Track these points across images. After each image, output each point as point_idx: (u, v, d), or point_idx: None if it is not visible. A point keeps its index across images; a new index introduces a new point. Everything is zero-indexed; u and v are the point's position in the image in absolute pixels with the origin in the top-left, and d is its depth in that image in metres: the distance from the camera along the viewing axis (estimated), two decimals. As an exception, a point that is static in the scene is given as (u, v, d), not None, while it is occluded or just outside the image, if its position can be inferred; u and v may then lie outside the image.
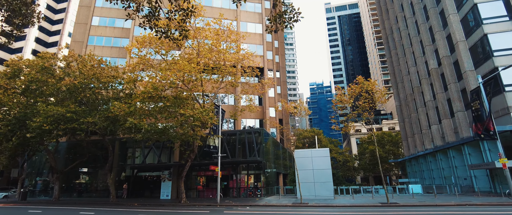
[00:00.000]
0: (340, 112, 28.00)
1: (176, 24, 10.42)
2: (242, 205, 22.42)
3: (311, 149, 29.06)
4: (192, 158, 24.49)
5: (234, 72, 23.11)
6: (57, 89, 23.21)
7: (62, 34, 70.91)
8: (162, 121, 21.50)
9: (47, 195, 36.50)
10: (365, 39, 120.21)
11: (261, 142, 30.16)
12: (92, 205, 24.76)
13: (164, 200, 29.07)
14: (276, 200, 26.46)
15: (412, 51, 46.52)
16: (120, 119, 22.29)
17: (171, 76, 18.83)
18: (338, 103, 24.21)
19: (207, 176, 32.15)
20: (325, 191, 27.36)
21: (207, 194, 30.74)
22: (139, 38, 22.24)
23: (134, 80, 22.57)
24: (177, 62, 20.21)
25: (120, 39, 41.08)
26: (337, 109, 25.29)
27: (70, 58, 25.46)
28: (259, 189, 29.54)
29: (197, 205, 23.39)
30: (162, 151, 32.06)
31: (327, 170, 27.90)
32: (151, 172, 33.75)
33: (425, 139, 43.16)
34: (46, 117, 20.87)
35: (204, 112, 18.78)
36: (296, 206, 21.90)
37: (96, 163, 34.89)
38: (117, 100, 24.27)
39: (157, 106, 19.26)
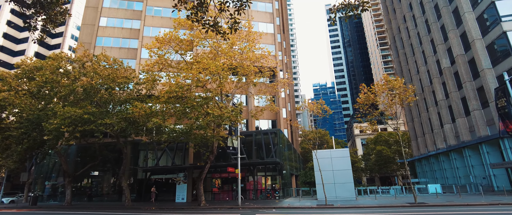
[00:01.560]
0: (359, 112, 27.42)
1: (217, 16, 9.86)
2: (266, 208, 21.82)
3: (331, 149, 28.57)
4: (212, 159, 23.89)
5: (256, 71, 22.58)
6: (73, 90, 22.54)
7: (65, 36, 70.07)
8: (185, 122, 20.87)
9: (56, 200, 35.62)
10: (367, 40, 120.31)
11: (277, 143, 29.62)
12: (108, 210, 24.03)
13: (180, 203, 28.39)
14: (298, 202, 25.88)
15: (422, 51, 46.32)
16: (139, 120, 21.66)
17: (196, 75, 18.26)
18: (364, 101, 23.70)
19: (223, 178, 31.51)
20: (346, 192, 26.84)
21: (223, 196, 30.10)
22: (160, 37, 21.68)
23: (153, 80, 21.97)
24: (200, 60, 19.66)
25: (129, 40, 40.46)
26: (361, 107, 24.75)
27: (85, 58, 24.83)
28: (277, 191, 28.94)
29: (218, 208, 22.74)
30: (176, 154, 31.41)
31: (348, 171, 27.42)
32: (164, 175, 33.04)
33: (437, 138, 42.84)
34: (63, 118, 20.20)
35: (233, 111, 18.21)
36: (322, 207, 21.34)
37: (107, 166, 34.12)
38: (134, 100, 23.62)
39: (183, 106, 18.66)
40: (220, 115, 17.96)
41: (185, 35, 22.67)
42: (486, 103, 30.79)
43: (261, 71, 24.76)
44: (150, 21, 39.77)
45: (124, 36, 40.59)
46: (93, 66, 24.01)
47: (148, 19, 39.73)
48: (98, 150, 29.44)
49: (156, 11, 40.31)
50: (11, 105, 25.04)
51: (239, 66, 20.75)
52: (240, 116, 19.64)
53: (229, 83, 20.18)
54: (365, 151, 72.40)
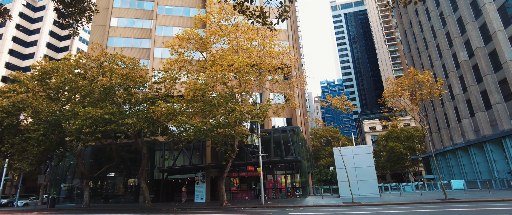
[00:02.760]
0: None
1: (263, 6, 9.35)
2: (293, 206, 21.36)
3: (352, 146, 28.03)
4: (233, 158, 23.46)
5: (277, 67, 22.06)
6: (92, 90, 22.24)
7: (73, 39, 70.13)
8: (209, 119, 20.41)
9: (72, 202, 35.46)
10: (374, 36, 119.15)
11: (296, 140, 29.13)
12: (129, 211, 23.72)
13: (200, 203, 28.03)
14: (321, 200, 25.36)
15: (436, 44, 45.49)
16: (161, 119, 21.29)
17: (221, 71, 17.80)
18: (389, 96, 23.11)
19: (241, 177, 31.10)
20: (369, 189, 26.29)
21: (242, 195, 29.68)
22: (180, 35, 21.27)
23: (174, 78, 21.57)
24: (223, 57, 19.21)
25: (140, 40, 40.17)
26: (387, 102, 24.15)
27: (103, 57, 24.53)
28: (297, 189, 28.46)
29: (243, 208, 22.32)
30: (193, 153, 31.05)
31: (370, 167, 26.89)
32: (181, 175, 32.71)
33: (454, 133, 42.04)
34: (84, 119, 19.89)
35: (262, 108, 17.75)
36: (351, 205, 20.81)
37: (120, 167, 33.83)
38: (157, 99, 23.27)
39: (209, 103, 18.24)
40: (248, 112, 17.51)
41: (205, 32, 22.22)
42: (510, 96, 30.02)
43: (281, 68, 24.27)
44: (161, 20, 39.44)
45: (135, 36, 40.31)
46: (111, 65, 23.69)
47: (159, 18, 39.40)
48: (115, 151, 29.15)
49: (167, 10, 39.97)
50: (29, 107, 24.80)
51: (262, 62, 20.25)
52: (267, 112, 19.19)
53: (248, 80, 19.71)
54: (376, 148, 71.59)
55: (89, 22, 10.93)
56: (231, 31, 21.83)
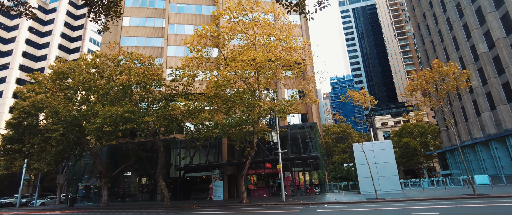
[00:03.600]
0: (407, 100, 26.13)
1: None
2: (315, 203, 21.01)
3: (372, 142, 27.47)
4: (252, 155, 23.19)
5: (297, 61, 21.64)
6: (111, 88, 22.21)
7: (84, 39, 70.75)
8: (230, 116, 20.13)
9: (90, 201, 35.74)
10: (383, 30, 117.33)
11: (314, 136, 28.70)
12: (148, 210, 23.68)
13: (218, 201, 27.87)
14: (342, 197, 24.94)
15: (452, 37, 44.36)
16: (180, 117, 21.13)
17: (242, 68, 17.48)
18: (413, 90, 22.48)
19: (258, 175, 30.84)
20: (391, 186, 25.75)
21: (259, 193, 29.43)
22: (199, 31, 21.03)
23: (194, 76, 21.37)
24: (243, 52, 18.90)
25: (153, 39, 40.15)
26: (410, 96, 23.53)
27: (120, 56, 24.51)
28: (316, 186, 28.07)
29: (263, 205, 22.06)
30: (209, 151, 30.90)
31: (391, 163, 26.33)
32: (198, 173, 32.63)
33: (472, 127, 41.00)
34: (104, 118, 19.85)
35: (287, 103, 17.41)
36: (374, 201, 20.35)
37: (135, 166, 33.87)
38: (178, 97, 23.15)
39: (232, 99, 17.97)
40: (272, 107, 17.17)
41: (223, 28, 21.93)
42: (534, 88, 29.01)
43: (299, 63, 23.85)
44: (174, 19, 39.33)
45: (147, 35, 40.31)
46: (128, 64, 23.64)
47: (171, 16, 39.29)
48: (132, 150, 29.19)
49: (179, 8, 39.83)
50: (48, 107, 24.94)
51: (282, 57, 19.85)
52: (291, 107, 18.82)
53: (271, 76, 19.34)
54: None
55: (119, 16, 10.72)
56: (249, 27, 21.49)
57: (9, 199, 41.12)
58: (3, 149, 27.34)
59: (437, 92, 22.06)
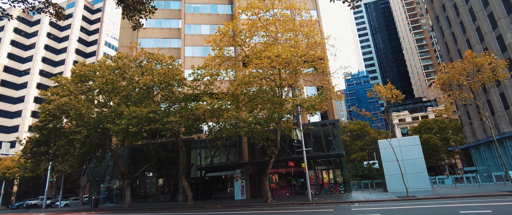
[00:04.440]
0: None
1: None
2: (344, 202, 20.41)
3: (398, 138, 26.58)
4: (276, 153, 22.77)
5: (321, 57, 21.04)
6: (134, 89, 22.25)
7: (99, 43, 71.99)
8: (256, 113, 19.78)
9: (111, 202, 36.13)
10: (397, 25, 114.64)
11: (337, 134, 28.03)
12: (173, 210, 23.60)
13: (241, 200, 27.58)
14: (369, 195, 24.20)
15: (475, 27, 42.66)
16: (202, 116, 20.93)
17: (268, 64, 17.05)
18: (445, 83, 21.54)
19: (279, 174, 30.40)
20: (420, 183, 24.83)
21: (282, 192, 28.97)
22: (222, 28, 20.77)
23: (216, 74, 21.15)
24: (267, 49, 18.50)
25: (169, 40, 40.28)
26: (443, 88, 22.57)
27: (142, 57, 24.57)
28: (341, 185, 27.40)
29: (289, 204, 21.60)
30: (229, 150, 30.67)
31: (420, 159, 25.40)
32: (218, 172, 32.47)
33: (500, 121, 39.27)
34: (129, 118, 19.85)
35: (318, 99, 16.95)
36: (406, 199, 19.59)
37: (158, 166, 34.03)
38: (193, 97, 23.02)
39: (260, 96, 17.63)
40: (301, 104, 16.72)
41: (244, 25, 21.59)
42: None
43: (321, 58, 23.25)
44: (189, 19, 39.33)
45: (164, 36, 40.47)
46: (150, 64, 23.64)
47: (187, 17, 39.31)
48: (154, 150, 29.26)
49: (195, 8, 39.81)
50: (72, 109, 25.23)
51: (307, 53, 19.33)
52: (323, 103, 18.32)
53: (299, 71, 18.85)
54: (408, 140, 68.63)
55: (153, 13, 10.53)
56: (270, 23, 21.06)
57: (34, 200, 42.16)
58: (30, 152, 27.89)
59: (469, 84, 21.01)
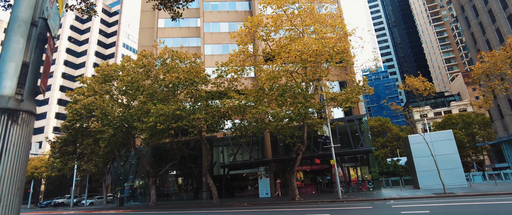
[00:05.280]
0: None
1: None
2: (376, 200, 19.64)
3: (430, 132, 25.47)
4: (303, 150, 22.22)
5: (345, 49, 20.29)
6: (159, 86, 22.27)
7: (117, 45, 73.37)
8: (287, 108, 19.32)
9: (136, 200, 36.58)
10: (415, 17, 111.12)
11: (364, 130, 27.16)
12: (199, 208, 23.48)
13: (266, 198, 27.20)
14: (405, 192, 23.26)
15: (507, 16, 40.51)
16: (227, 113, 20.66)
17: (297, 58, 16.50)
18: (485, 73, 20.32)
19: (304, 171, 29.82)
20: (455, 179, 23.65)
21: (307, 190, 28.36)
22: (246, 23, 20.40)
23: (242, 70, 20.83)
24: (295, 41, 17.94)
25: (188, 39, 40.37)
26: (479, 79, 21.37)
27: (166, 54, 24.60)
28: (369, 182, 26.53)
29: (319, 202, 21.01)
30: (252, 148, 30.33)
31: (454, 155, 24.24)
32: (241, 170, 32.24)
33: (536, 115, 37.11)
34: (157, 116, 19.82)
35: (355, 91, 16.34)
36: (443, 196, 18.60)
37: (181, 164, 34.12)
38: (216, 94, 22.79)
39: (289, 91, 17.18)
40: (334, 97, 16.13)
41: (268, 19, 21.12)
42: None
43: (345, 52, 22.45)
44: (208, 17, 39.26)
45: (183, 35, 40.59)
46: (174, 62, 23.61)
47: (206, 15, 39.24)
48: (177, 148, 29.31)
49: (213, 6, 39.70)
50: (98, 108, 25.54)
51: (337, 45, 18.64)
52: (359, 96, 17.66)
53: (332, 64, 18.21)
54: (431, 136, 66.30)
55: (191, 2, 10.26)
56: (296, 15, 20.50)
57: (61, 199, 43.34)
58: (59, 151, 28.54)
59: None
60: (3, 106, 1.67)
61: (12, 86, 1.75)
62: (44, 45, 2.00)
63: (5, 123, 1.66)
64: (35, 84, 1.90)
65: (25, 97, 1.79)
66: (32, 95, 1.80)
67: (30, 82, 1.85)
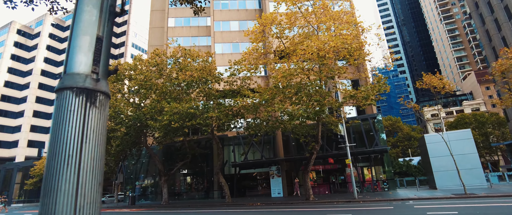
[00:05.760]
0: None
1: None
2: (393, 200, 19.18)
3: (447, 132, 24.85)
4: (317, 149, 21.83)
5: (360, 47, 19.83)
6: (172, 86, 22.15)
7: (127, 45, 73.90)
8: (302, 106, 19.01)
9: (147, 199, 36.64)
10: (425, 15, 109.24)
11: (378, 129, 26.63)
12: (212, 207, 23.33)
13: (278, 198, 26.91)
14: (423, 192, 22.70)
15: (524, 12, 39.38)
16: (243, 112, 20.42)
17: (314, 55, 16.12)
18: (507, 69, 19.68)
19: (317, 171, 29.41)
20: (474, 179, 22.99)
21: (320, 190, 27.96)
22: (261, 20, 20.13)
23: (255, 69, 20.59)
24: (310, 38, 17.62)
25: (198, 38, 40.28)
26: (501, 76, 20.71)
27: (179, 53, 24.51)
28: (385, 182, 26.00)
29: (334, 202, 20.63)
30: (263, 147, 30.05)
31: (473, 154, 23.57)
32: (252, 169, 31.98)
33: (555, 114, 35.96)
34: (171, 114, 19.70)
35: (376, 88, 15.96)
36: (463, 197, 18.03)
37: (194, 163, 34.02)
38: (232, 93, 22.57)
39: (305, 89, 16.87)
40: (353, 95, 15.75)
41: (282, 16, 20.80)
42: None
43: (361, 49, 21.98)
44: (218, 16, 39.12)
45: (193, 35, 40.54)
46: (187, 61, 23.49)
47: (216, 14, 39.10)
48: (189, 147, 29.20)
49: (223, 5, 39.55)
50: (111, 107, 25.56)
51: (355, 41, 18.22)
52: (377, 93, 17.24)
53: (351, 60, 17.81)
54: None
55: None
56: (312, 12, 20.13)
57: (72, 198, 43.65)
58: (72, 150, 28.67)
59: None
60: (81, 85, 1.43)
61: (88, 63, 1.51)
62: (114, 19, 1.77)
63: (84, 105, 1.41)
64: (107, 62, 1.65)
65: (100, 76, 1.55)
66: (106, 74, 1.55)
67: (104, 60, 1.60)
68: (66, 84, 1.42)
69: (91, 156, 1.43)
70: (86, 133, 1.42)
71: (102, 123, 1.48)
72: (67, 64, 1.46)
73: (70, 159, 1.35)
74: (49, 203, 1.26)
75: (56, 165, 1.32)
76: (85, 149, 1.40)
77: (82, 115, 1.42)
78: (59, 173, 1.31)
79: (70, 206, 1.28)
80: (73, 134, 1.37)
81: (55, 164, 1.33)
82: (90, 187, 1.39)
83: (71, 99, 1.41)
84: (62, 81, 1.45)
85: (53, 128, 1.38)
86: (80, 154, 1.37)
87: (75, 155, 1.35)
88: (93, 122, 1.45)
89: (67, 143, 1.35)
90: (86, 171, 1.38)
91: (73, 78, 1.43)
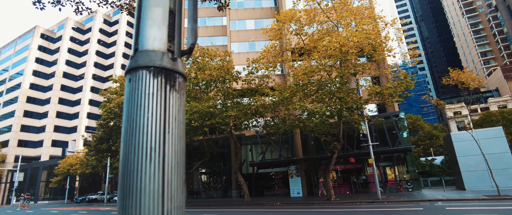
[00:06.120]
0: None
1: None
2: (419, 201, 18.41)
3: (476, 130, 23.68)
4: (339, 148, 21.29)
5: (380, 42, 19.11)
6: (191, 85, 22.19)
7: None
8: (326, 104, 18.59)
9: (165, 198, 37.01)
10: (446, 10, 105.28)
11: (402, 127, 25.71)
12: (231, 206, 23.21)
13: (298, 198, 26.51)
14: (451, 193, 21.71)
15: (557, 3, 37.05)
16: (264, 110, 20.16)
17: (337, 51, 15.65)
18: None
19: (336, 171, 28.77)
20: (507, 180, 21.78)
21: (340, 190, 27.31)
22: (280, 17, 19.81)
23: (274, 67, 20.31)
24: (331, 34, 17.14)
25: (214, 37, 40.35)
26: None
27: (197, 53, 24.56)
28: (408, 182, 25.08)
29: (357, 202, 20.05)
30: (281, 146, 29.70)
31: (506, 153, 22.34)
32: (270, 168, 31.70)
33: None
34: (191, 113, 19.71)
35: (403, 84, 15.37)
36: (497, 199, 17.02)
37: (212, 162, 34.11)
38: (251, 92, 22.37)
39: (327, 86, 16.46)
40: (380, 91, 15.17)
41: (301, 12, 20.37)
42: None
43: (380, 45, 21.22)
44: (234, 15, 39.08)
45: (209, 34, 40.65)
46: (205, 60, 23.49)
47: (232, 13, 39.06)
48: (208, 146, 29.25)
49: (239, 4, 39.47)
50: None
51: (377, 37, 17.58)
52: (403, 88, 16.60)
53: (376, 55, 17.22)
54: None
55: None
56: (332, 7, 19.59)
57: (94, 195, 44.93)
58: (94, 149, 29.43)
59: None
60: (158, 64, 1.19)
61: (163, 39, 1.27)
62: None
63: (164, 87, 1.17)
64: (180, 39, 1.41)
65: (176, 54, 1.31)
66: (179, 54, 1.31)
67: (178, 37, 1.37)
68: (140, 62, 1.19)
69: (174, 149, 1.19)
70: (169, 121, 1.19)
71: (183, 110, 1.24)
72: (138, 40, 1.23)
73: (154, 153, 1.11)
74: (132, 207, 1.02)
75: (138, 160, 1.09)
76: (168, 141, 1.16)
77: (163, 100, 1.18)
78: (142, 170, 1.08)
79: (158, 210, 1.04)
80: (154, 123, 1.13)
81: (136, 159, 1.09)
82: (176, 187, 1.15)
83: (149, 80, 1.18)
84: (135, 59, 1.21)
85: (127, 115, 1.14)
86: (164, 146, 1.13)
87: (159, 148, 1.12)
88: (174, 108, 1.21)
89: (149, 134, 1.12)
90: (170, 167, 1.15)
91: (148, 56, 1.19)
